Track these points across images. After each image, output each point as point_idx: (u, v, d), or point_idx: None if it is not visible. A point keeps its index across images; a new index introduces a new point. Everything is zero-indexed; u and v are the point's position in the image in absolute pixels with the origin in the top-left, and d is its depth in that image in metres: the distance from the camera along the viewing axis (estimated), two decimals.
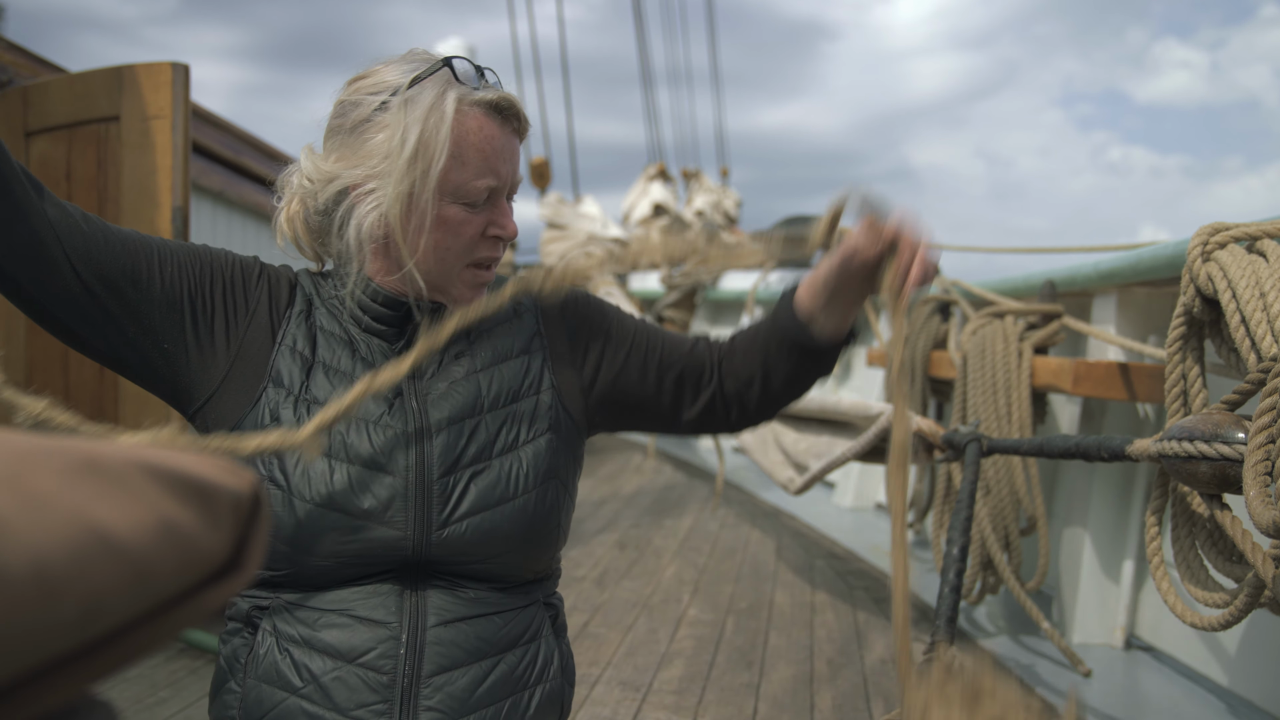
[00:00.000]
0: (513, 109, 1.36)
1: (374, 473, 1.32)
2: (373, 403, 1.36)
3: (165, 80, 3.23)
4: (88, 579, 0.40)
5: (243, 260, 1.43)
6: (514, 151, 1.38)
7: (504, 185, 1.36)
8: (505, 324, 1.49)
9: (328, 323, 1.42)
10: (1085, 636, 3.23)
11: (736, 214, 10.90)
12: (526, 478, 1.38)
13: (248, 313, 1.39)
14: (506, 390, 1.42)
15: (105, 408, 3.32)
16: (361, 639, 1.28)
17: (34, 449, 0.44)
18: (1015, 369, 3.32)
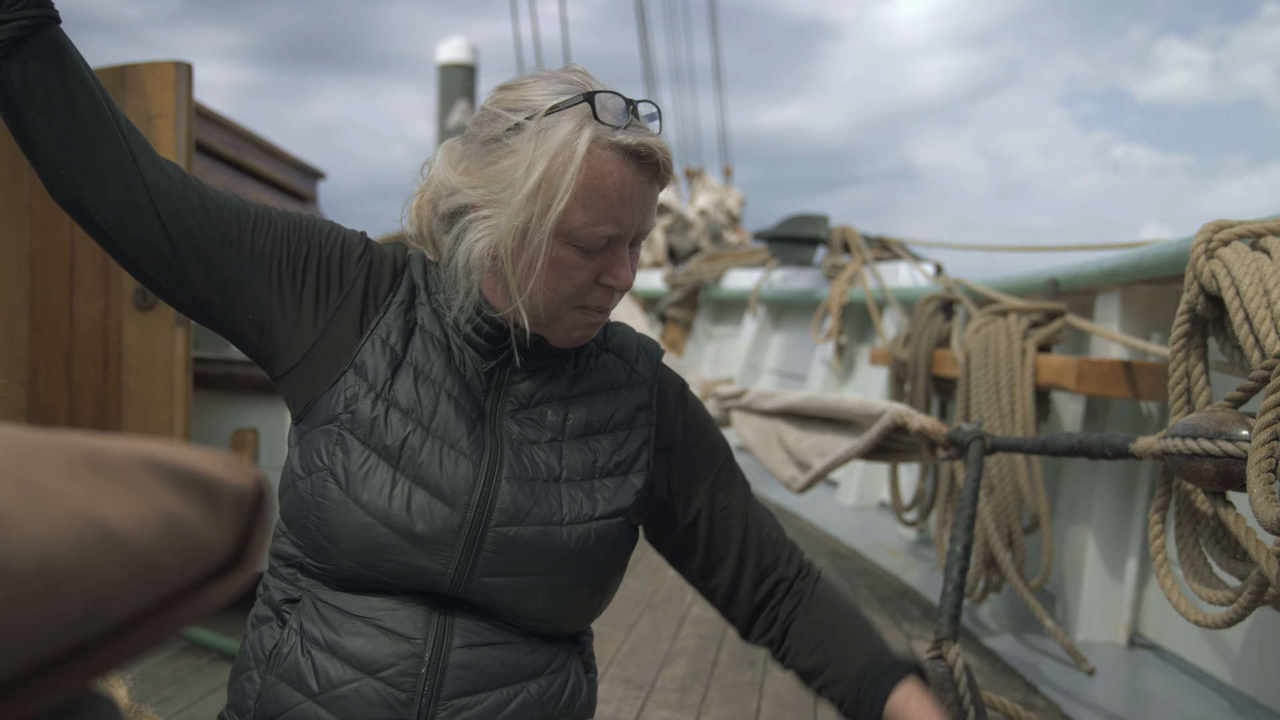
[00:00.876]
0: (651, 157, 1.25)
1: (434, 500, 1.27)
2: (455, 421, 1.31)
3: (168, 79, 3.23)
4: (91, 574, 0.40)
5: (345, 236, 1.38)
6: (646, 199, 1.27)
7: (626, 234, 1.27)
8: (614, 390, 1.42)
9: (429, 322, 1.36)
10: (1089, 634, 3.23)
11: (740, 213, 10.89)
12: (590, 554, 1.33)
13: (341, 292, 1.34)
14: (593, 463, 1.36)
15: (109, 406, 3.32)
16: (384, 652, 1.26)
17: (37, 444, 0.44)
18: (1018, 367, 3.32)
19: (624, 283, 1.29)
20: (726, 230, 9.99)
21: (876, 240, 6.16)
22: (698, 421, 1.49)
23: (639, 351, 1.47)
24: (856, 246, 6.08)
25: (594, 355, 1.43)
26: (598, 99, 1.23)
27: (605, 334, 1.47)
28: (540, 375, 1.38)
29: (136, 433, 3.26)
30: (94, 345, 3.34)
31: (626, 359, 1.45)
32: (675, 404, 1.47)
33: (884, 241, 6.11)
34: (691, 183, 11.29)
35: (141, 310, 3.25)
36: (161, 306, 3.24)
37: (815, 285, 6.64)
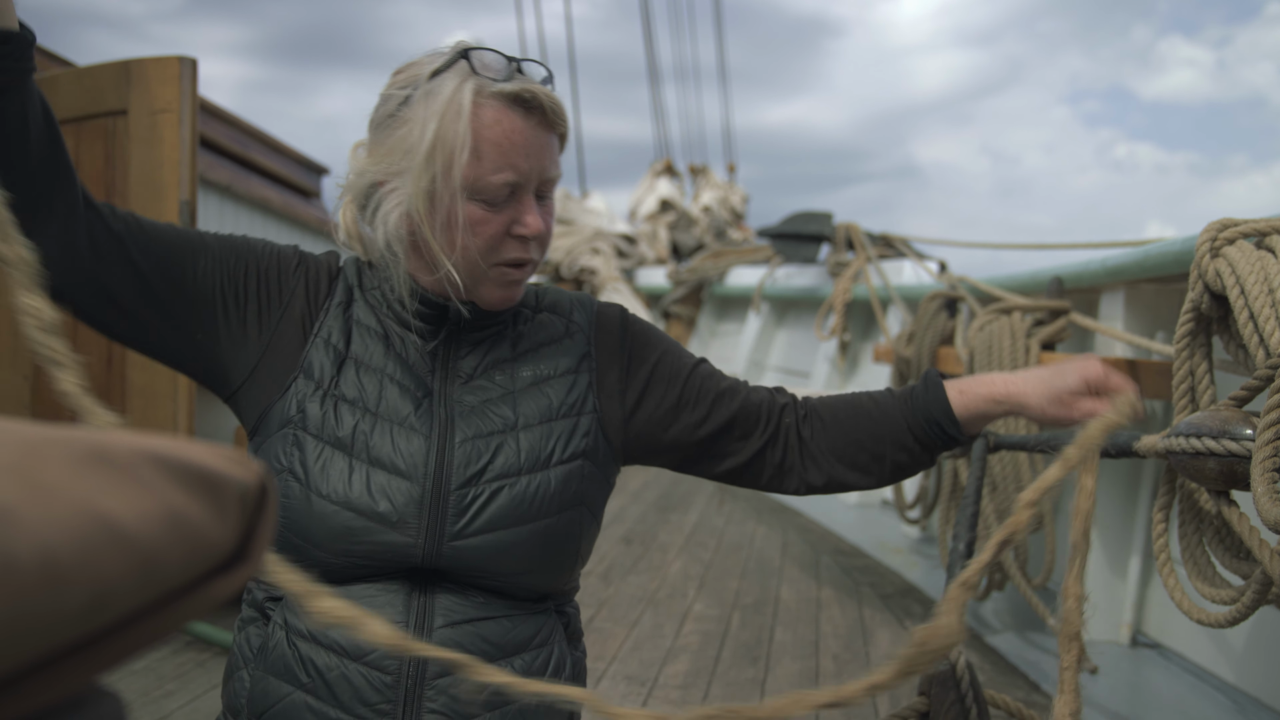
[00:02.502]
0: (535, 100, 1.29)
1: (392, 476, 1.30)
2: (400, 401, 1.34)
3: (173, 74, 3.23)
4: (94, 568, 0.40)
5: (280, 251, 1.42)
6: (539, 145, 1.31)
7: (526, 181, 1.30)
8: (555, 342, 1.46)
9: (364, 316, 1.40)
10: (1092, 633, 3.22)
11: (743, 210, 10.90)
12: (552, 500, 1.35)
13: (281, 304, 1.38)
14: (545, 408, 1.39)
15: (112, 400, 3.33)
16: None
17: (41, 438, 0.44)
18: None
19: (532, 229, 1.31)
20: (730, 227, 9.99)
21: (880, 238, 6.15)
22: (630, 339, 1.50)
23: (573, 305, 1.51)
24: (860, 244, 6.07)
25: (529, 319, 1.47)
26: (473, 54, 1.29)
27: (538, 298, 1.50)
28: (482, 346, 1.41)
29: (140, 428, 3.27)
30: (98, 340, 3.35)
31: (561, 313, 1.49)
32: (615, 333, 1.49)
33: (888, 239, 6.10)
34: (696, 179, 11.29)
35: None
36: None
37: (819, 282, 6.64)
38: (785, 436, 1.51)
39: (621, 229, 8.97)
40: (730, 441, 1.50)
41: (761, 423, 1.50)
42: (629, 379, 1.47)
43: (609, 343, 1.48)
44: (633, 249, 8.74)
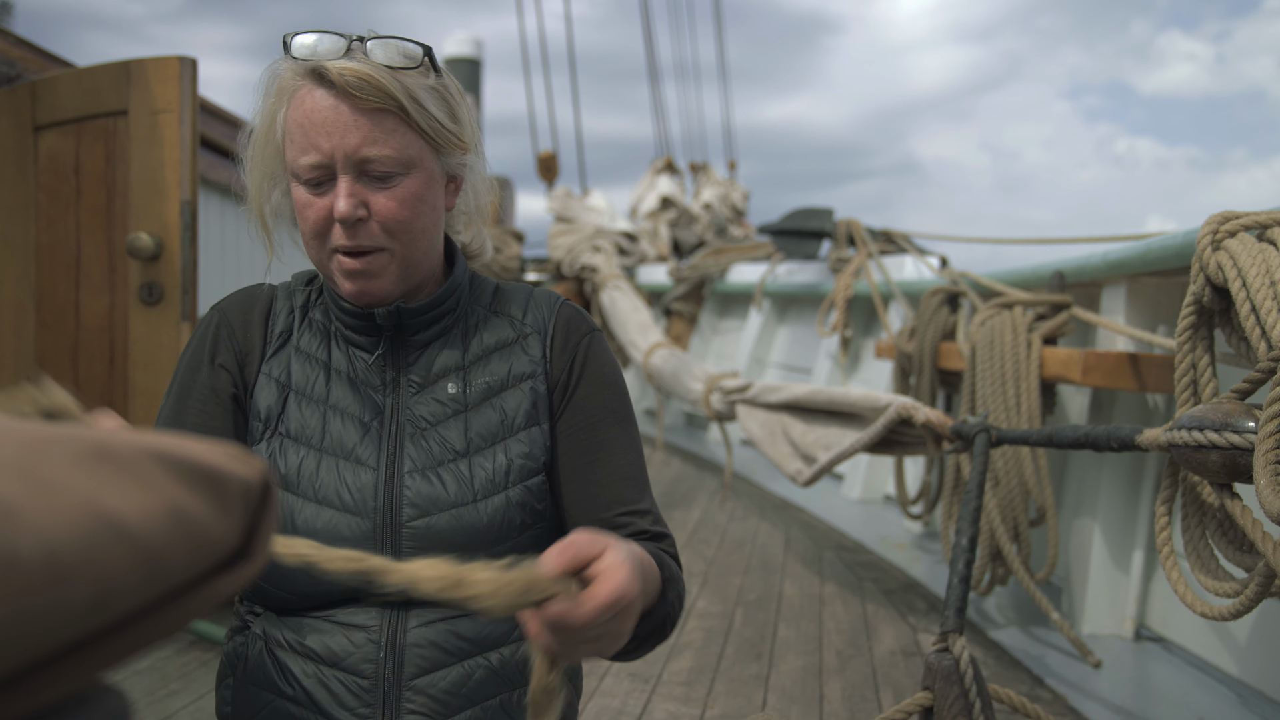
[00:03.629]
0: (327, 74, 1.23)
1: (339, 514, 1.28)
2: (344, 431, 1.32)
3: (173, 74, 3.23)
4: (98, 566, 0.40)
5: (208, 354, 1.39)
6: (342, 122, 1.23)
7: (330, 161, 1.24)
8: (506, 347, 1.41)
9: (307, 341, 1.38)
10: (1095, 627, 3.22)
11: (744, 207, 10.90)
12: (509, 524, 1.32)
13: (241, 375, 1.38)
14: (498, 425, 1.35)
15: (115, 402, 3.33)
16: (341, 644, 1.27)
17: (45, 437, 0.45)
18: (1024, 360, 3.31)
19: (338, 212, 1.24)
20: (731, 224, 9.99)
21: (882, 233, 6.15)
22: (592, 369, 1.42)
23: (529, 304, 1.45)
24: (861, 240, 6.07)
25: (482, 319, 1.42)
26: (292, 39, 1.26)
27: (493, 296, 1.45)
28: (431, 350, 1.38)
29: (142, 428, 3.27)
30: (100, 340, 3.35)
31: (514, 314, 1.44)
32: (572, 348, 1.42)
33: (889, 235, 6.10)
34: (696, 177, 11.29)
35: (147, 305, 3.26)
36: (167, 302, 3.24)
37: (820, 279, 6.63)
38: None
39: (622, 226, 8.97)
40: (574, 506, 1.39)
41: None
42: (564, 397, 1.40)
43: (562, 357, 1.41)
44: (634, 246, 8.74)
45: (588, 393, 1.40)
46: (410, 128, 1.26)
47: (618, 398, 1.44)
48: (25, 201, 3.48)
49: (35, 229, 3.48)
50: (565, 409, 1.40)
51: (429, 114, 1.27)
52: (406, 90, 1.24)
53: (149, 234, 3.22)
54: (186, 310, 3.22)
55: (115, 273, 3.33)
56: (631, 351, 6.43)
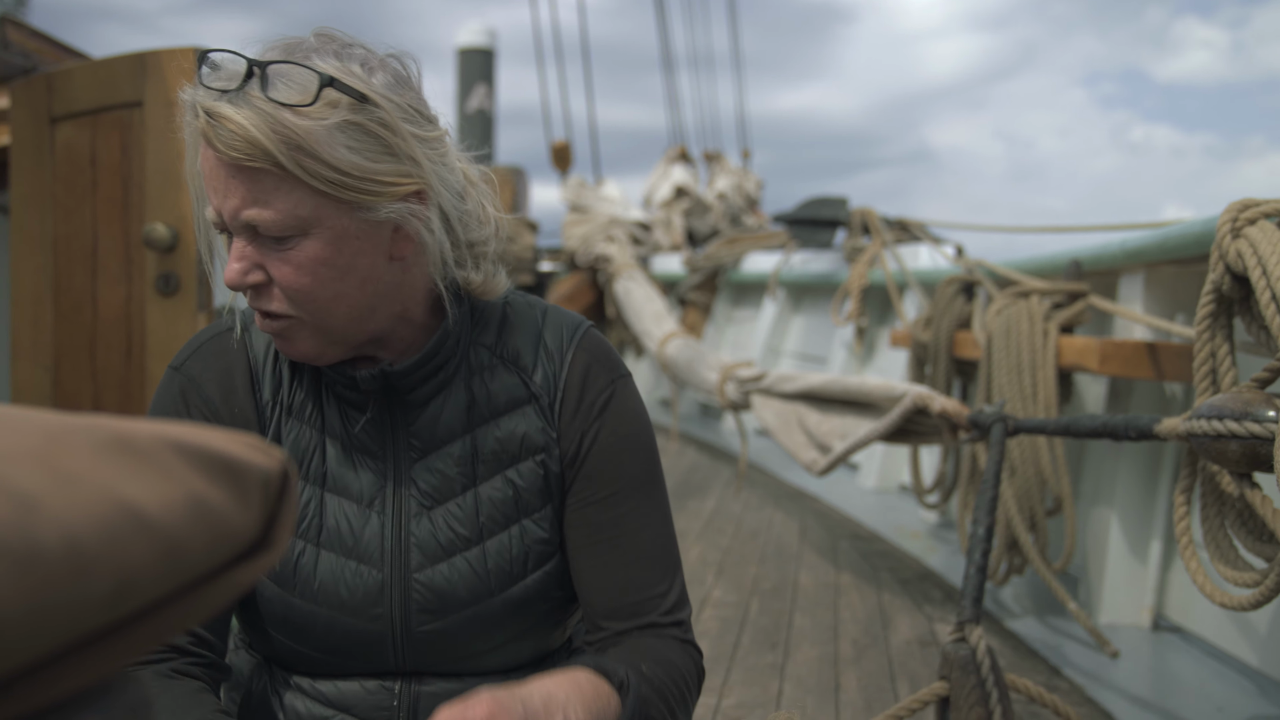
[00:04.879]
0: (200, 123, 1.04)
1: (338, 615, 1.19)
2: (341, 521, 1.19)
3: (188, 65, 3.22)
4: (119, 556, 0.40)
5: (180, 414, 1.24)
6: (222, 180, 1.05)
7: (223, 221, 1.08)
8: (517, 409, 1.23)
9: (299, 403, 1.23)
10: (1113, 617, 3.21)
11: (758, 196, 10.87)
12: (531, 611, 1.23)
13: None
14: (510, 504, 1.22)
15: (133, 392, 3.34)
16: (355, 690, 1.22)
17: (64, 427, 0.44)
18: (1041, 348, 3.30)
19: (226, 279, 1.09)
20: (745, 213, 9.97)
21: (896, 222, 6.12)
22: (608, 436, 1.26)
23: (539, 351, 1.26)
24: (876, 229, 6.05)
25: (486, 367, 1.24)
26: (209, 57, 1.08)
27: (499, 334, 1.26)
28: (432, 407, 1.22)
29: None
30: (117, 331, 3.36)
31: (524, 364, 1.25)
32: (585, 413, 1.25)
33: (904, 224, 6.08)
34: (710, 166, 11.26)
35: (163, 296, 3.27)
36: (184, 293, 3.25)
37: (835, 268, 6.62)
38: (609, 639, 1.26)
39: (636, 216, 8.95)
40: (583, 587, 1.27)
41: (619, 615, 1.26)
42: (575, 469, 1.25)
43: (574, 425, 1.25)
44: (647, 236, 8.72)
45: (602, 463, 1.24)
46: (297, 185, 1.04)
47: (639, 461, 1.27)
48: (42, 193, 3.49)
49: (52, 220, 3.49)
50: (575, 481, 1.24)
51: (323, 164, 1.04)
52: (288, 140, 1.02)
53: (165, 225, 3.22)
54: (203, 301, 3.23)
55: (132, 264, 3.35)
56: (646, 341, 6.42)
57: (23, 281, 3.54)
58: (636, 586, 1.23)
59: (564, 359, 1.25)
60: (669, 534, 1.29)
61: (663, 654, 1.20)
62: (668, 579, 1.26)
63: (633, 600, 1.23)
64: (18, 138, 3.54)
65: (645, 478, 1.27)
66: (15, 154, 3.55)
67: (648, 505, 1.27)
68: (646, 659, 1.17)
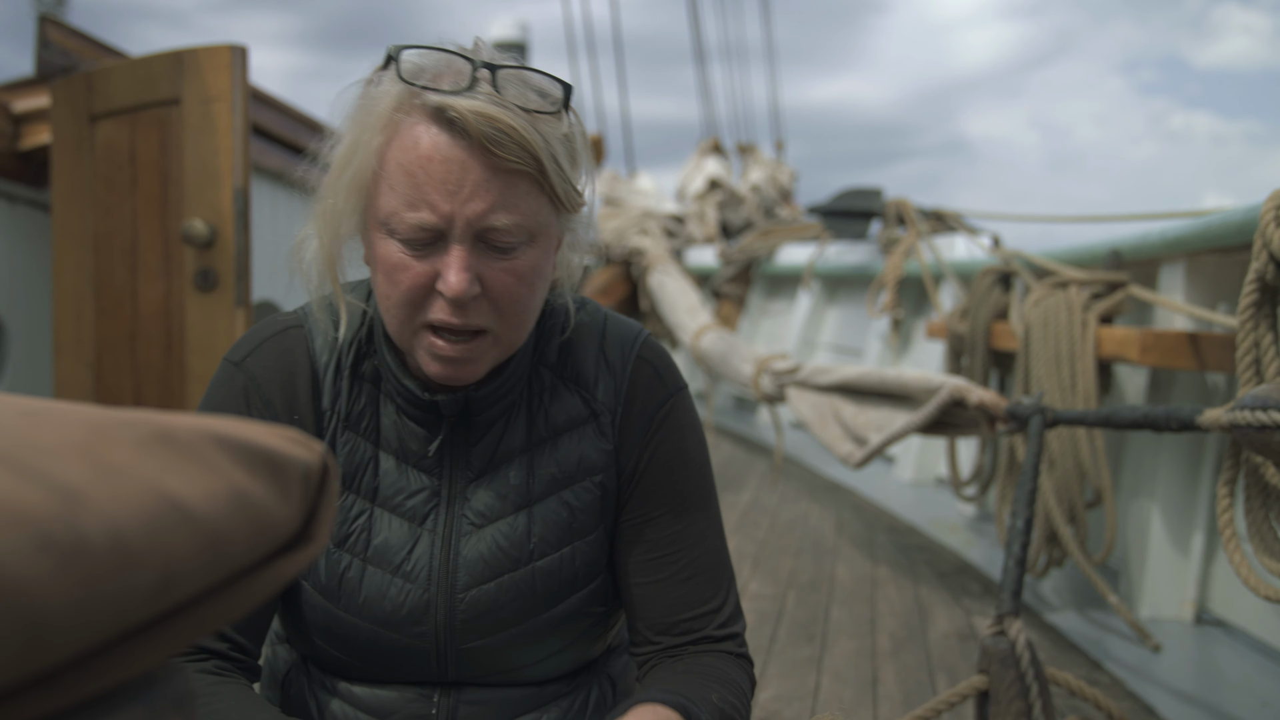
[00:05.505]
0: (462, 122, 0.99)
1: (381, 630, 1.17)
2: (391, 538, 1.18)
3: (224, 63, 3.26)
4: (164, 548, 0.40)
5: (239, 410, 1.23)
6: (472, 182, 1.00)
7: (445, 224, 1.02)
8: (576, 429, 1.22)
9: (358, 415, 1.20)
10: (1154, 610, 3.18)
11: (792, 188, 10.83)
12: (574, 625, 1.22)
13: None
14: (565, 526, 1.20)
15: (173, 388, 3.38)
16: (392, 696, 1.21)
17: (108, 421, 0.45)
18: (1080, 339, 3.26)
19: (450, 288, 1.03)
20: (779, 205, 9.93)
21: (932, 213, 6.08)
22: (665, 452, 1.24)
23: (599, 366, 1.24)
24: (912, 220, 6.01)
25: (547, 388, 1.22)
26: (405, 54, 1.04)
27: (560, 353, 1.24)
28: (495, 429, 1.20)
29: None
30: (157, 327, 3.40)
31: (584, 385, 1.23)
32: (643, 426, 1.24)
33: (940, 214, 6.03)
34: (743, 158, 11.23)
35: (202, 292, 3.30)
36: (222, 288, 3.28)
37: (870, 259, 6.58)
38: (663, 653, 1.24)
39: (670, 209, 8.94)
40: (636, 601, 1.25)
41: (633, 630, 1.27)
42: (632, 486, 1.24)
43: (633, 441, 1.23)
44: (681, 229, 8.71)
45: (659, 480, 1.23)
46: (543, 192, 1.04)
47: (694, 475, 1.26)
48: (83, 190, 3.54)
49: (93, 217, 3.53)
50: (631, 498, 1.23)
51: (564, 175, 1.05)
52: (548, 147, 1.02)
53: (203, 221, 3.25)
54: (241, 296, 3.26)
55: (171, 260, 3.38)
56: (680, 334, 6.41)
57: (64, 278, 3.58)
58: (691, 603, 1.22)
59: (625, 371, 1.24)
60: (722, 546, 1.27)
61: (726, 674, 1.19)
62: (722, 592, 1.24)
63: (687, 616, 1.21)
64: (58, 136, 3.58)
65: (701, 492, 1.26)
66: (56, 152, 3.60)
67: (703, 520, 1.25)
68: (714, 683, 1.15)
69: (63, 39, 3.92)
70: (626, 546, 1.24)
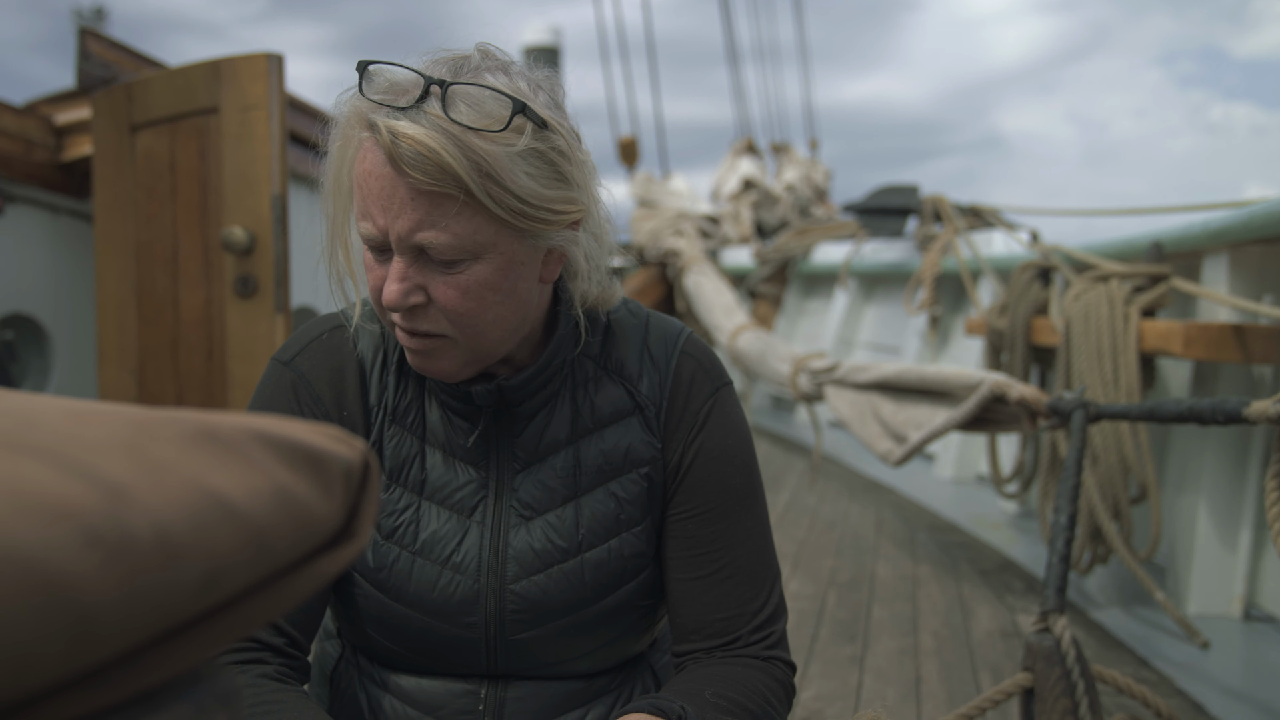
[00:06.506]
0: (383, 142, 1.00)
1: (432, 620, 1.19)
2: (440, 530, 1.19)
3: (261, 71, 3.29)
4: (208, 544, 0.41)
5: (287, 408, 1.23)
6: (399, 200, 1.02)
7: (384, 237, 1.04)
8: (621, 421, 1.23)
9: (403, 407, 1.22)
10: (1202, 607, 3.14)
11: (827, 187, 10.78)
12: (622, 617, 1.23)
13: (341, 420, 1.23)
14: (615, 517, 1.21)
15: (214, 393, 3.41)
16: (440, 690, 1.22)
17: (152, 419, 0.45)
18: (1121, 333, 3.23)
19: (385, 298, 1.06)
20: (814, 204, 9.89)
21: (969, 209, 6.03)
22: (710, 447, 1.24)
23: (643, 360, 1.25)
24: (949, 216, 5.96)
25: (592, 379, 1.23)
26: (371, 69, 1.05)
27: (603, 345, 1.25)
28: (538, 419, 1.21)
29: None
30: (198, 333, 3.44)
31: (629, 374, 1.24)
32: (689, 422, 1.24)
33: (977, 210, 5.98)
34: (778, 157, 11.20)
35: (242, 298, 3.33)
36: (261, 294, 3.31)
37: (907, 256, 6.54)
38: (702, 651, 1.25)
39: (704, 210, 8.93)
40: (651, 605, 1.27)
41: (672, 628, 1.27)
42: (677, 481, 1.24)
43: (678, 436, 1.24)
44: (716, 229, 8.69)
45: (704, 476, 1.23)
46: (479, 211, 1.03)
47: (740, 473, 1.26)
48: (124, 200, 3.58)
49: (134, 226, 3.58)
50: (677, 494, 1.24)
51: (508, 193, 1.03)
52: (479, 166, 1.01)
53: (242, 228, 3.29)
54: (280, 301, 3.29)
55: (211, 267, 3.42)
56: (717, 335, 6.40)
57: (107, 287, 3.63)
58: (727, 603, 1.22)
59: (669, 366, 1.25)
60: (767, 545, 1.27)
61: (732, 675, 1.18)
62: (763, 592, 1.24)
63: (721, 617, 1.22)
64: (100, 147, 3.63)
65: (746, 490, 1.26)
66: (98, 162, 3.65)
67: (748, 519, 1.25)
68: (711, 683, 1.15)
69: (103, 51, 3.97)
70: (671, 543, 1.24)
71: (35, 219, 4.26)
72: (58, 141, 4.26)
